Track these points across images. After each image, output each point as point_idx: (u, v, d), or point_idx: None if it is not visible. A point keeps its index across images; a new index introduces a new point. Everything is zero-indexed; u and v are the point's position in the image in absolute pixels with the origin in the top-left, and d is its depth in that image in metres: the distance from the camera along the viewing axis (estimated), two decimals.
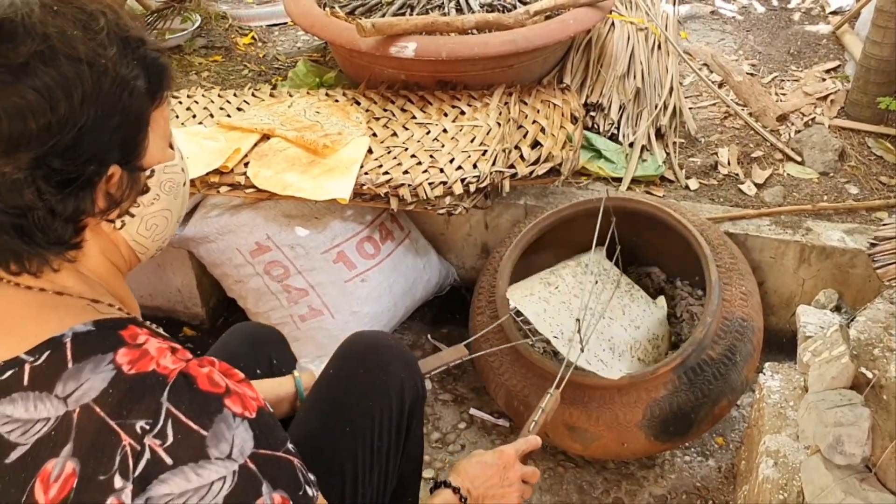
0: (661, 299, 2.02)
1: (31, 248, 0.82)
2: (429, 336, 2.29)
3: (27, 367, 0.81)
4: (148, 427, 0.77)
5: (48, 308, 0.85)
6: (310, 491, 0.87)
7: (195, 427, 0.79)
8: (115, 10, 0.84)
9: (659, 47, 2.65)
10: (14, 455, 0.79)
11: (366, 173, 1.96)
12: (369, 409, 1.25)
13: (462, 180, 1.92)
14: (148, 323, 0.91)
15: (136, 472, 0.76)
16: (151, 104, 0.87)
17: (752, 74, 2.83)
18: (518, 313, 1.84)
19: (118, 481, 0.76)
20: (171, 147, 0.94)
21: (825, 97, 2.63)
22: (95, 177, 0.82)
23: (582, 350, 1.67)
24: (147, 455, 0.77)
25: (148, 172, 0.89)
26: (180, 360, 0.83)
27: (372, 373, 1.29)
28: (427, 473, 1.89)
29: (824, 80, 2.74)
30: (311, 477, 0.89)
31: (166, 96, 0.90)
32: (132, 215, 0.91)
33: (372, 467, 1.25)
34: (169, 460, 0.77)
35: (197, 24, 3.16)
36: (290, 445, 0.87)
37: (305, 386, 1.40)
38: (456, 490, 1.19)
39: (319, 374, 1.35)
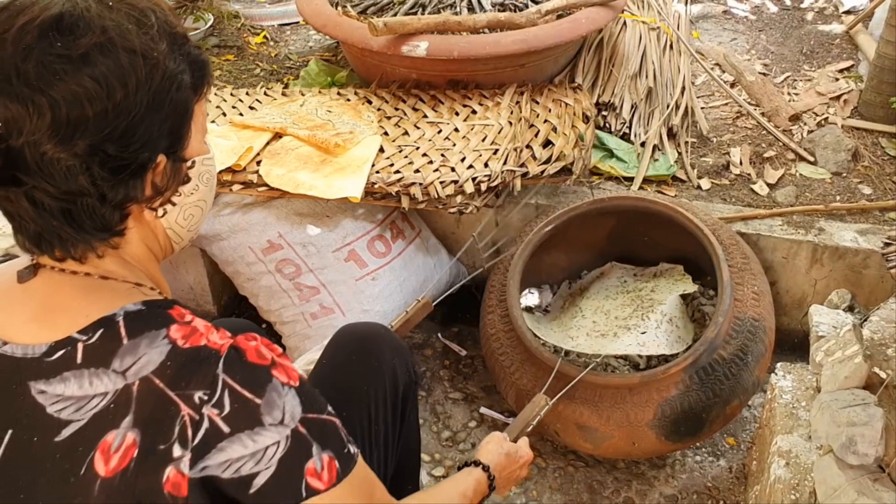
0: (685, 283, 2.01)
1: (78, 233, 0.86)
2: (439, 335, 2.29)
3: (80, 346, 0.84)
4: (206, 397, 0.82)
5: (96, 290, 0.89)
6: (352, 449, 0.92)
7: (250, 396, 0.83)
8: (162, 7, 0.89)
9: (671, 47, 2.65)
10: (66, 432, 0.82)
11: (377, 172, 1.96)
12: (364, 394, 1.30)
13: (473, 179, 1.92)
14: (187, 306, 0.94)
15: (195, 441, 0.81)
16: (194, 97, 0.92)
17: (764, 74, 2.82)
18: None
19: (177, 450, 0.81)
20: (206, 141, 0.99)
21: (838, 97, 2.62)
22: (147, 163, 0.86)
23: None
24: (206, 424, 0.81)
25: (189, 163, 0.94)
26: (226, 337, 0.87)
27: (364, 360, 1.34)
28: (437, 472, 1.89)
29: (837, 79, 2.73)
30: (351, 437, 0.94)
31: (206, 91, 0.95)
32: (173, 204, 0.95)
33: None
34: (226, 429, 0.82)
35: (209, 24, 3.17)
36: (330, 408, 0.92)
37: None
38: (486, 468, 1.27)
39: (314, 366, 1.39)
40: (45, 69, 0.78)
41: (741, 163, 2.35)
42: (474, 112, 2.22)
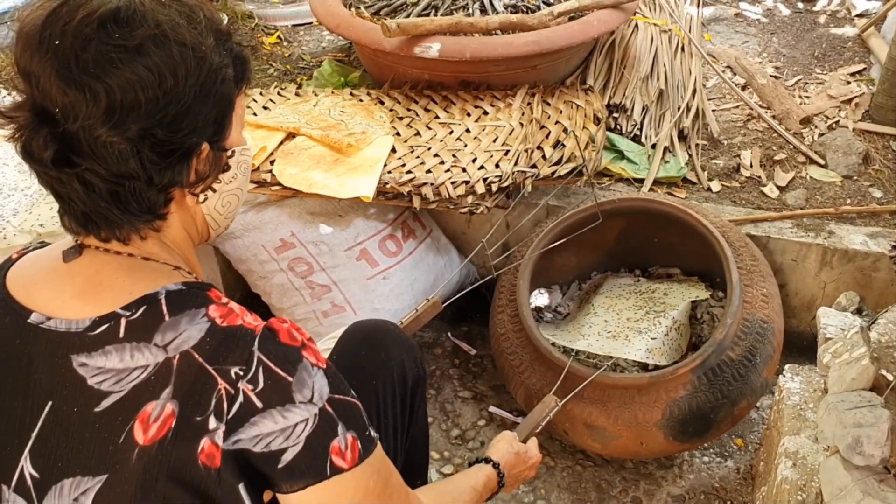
0: (698, 289, 2.02)
1: (124, 215, 0.90)
2: (449, 334, 2.30)
3: (123, 321, 0.89)
4: (242, 373, 0.86)
5: (138, 270, 0.93)
6: (372, 432, 0.95)
7: (283, 374, 0.88)
8: (208, 6, 0.95)
9: (682, 49, 2.66)
10: (106, 403, 0.87)
11: (389, 172, 1.98)
12: (373, 388, 1.32)
13: (484, 180, 1.94)
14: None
15: (230, 414, 0.85)
16: (236, 90, 0.97)
17: (776, 77, 2.82)
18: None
19: (213, 422, 0.85)
20: (242, 134, 1.03)
21: (850, 100, 2.62)
22: (194, 149, 0.92)
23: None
24: (241, 398, 0.86)
25: (230, 152, 0.99)
26: (259, 319, 0.92)
27: (373, 355, 1.36)
28: (446, 469, 1.91)
29: (849, 83, 2.73)
30: (371, 422, 0.97)
31: (246, 85, 1.01)
32: (214, 191, 1.00)
33: None
34: (259, 404, 0.86)
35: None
36: (353, 392, 0.96)
37: None
38: (496, 465, 1.31)
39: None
40: (103, 58, 0.83)
41: (752, 165, 2.36)
42: (486, 113, 2.23)
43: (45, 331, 0.90)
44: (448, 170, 1.98)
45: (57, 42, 0.83)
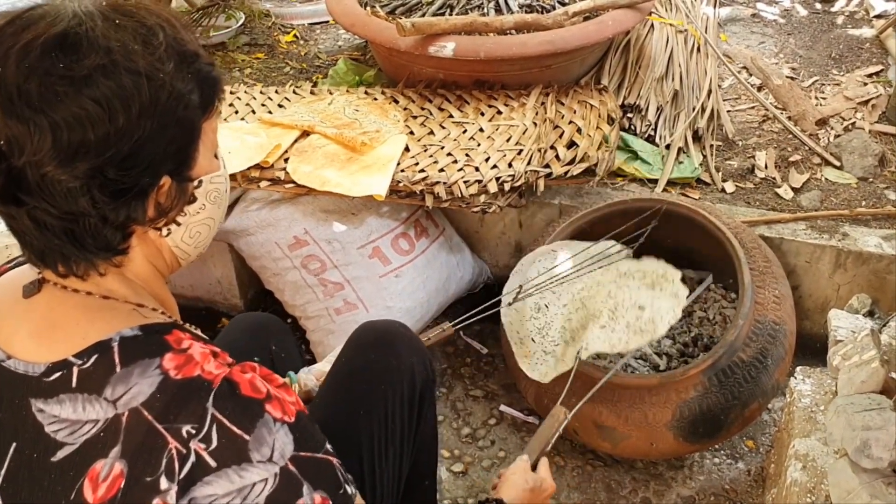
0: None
1: (80, 252, 0.85)
2: (460, 332, 2.31)
3: (75, 370, 0.84)
4: (194, 431, 0.81)
5: (95, 311, 0.88)
6: (349, 489, 0.90)
7: (238, 431, 0.82)
8: (172, 24, 0.86)
9: (698, 50, 2.65)
10: (61, 454, 0.82)
11: (402, 171, 1.99)
12: (382, 392, 1.30)
13: (497, 179, 1.94)
14: (188, 326, 0.94)
15: (182, 475, 0.80)
16: (203, 116, 0.89)
17: (792, 78, 2.81)
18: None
19: (164, 483, 0.79)
20: (216, 157, 0.96)
21: (866, 102, 2.61)
22: (149, 187, 0.85)
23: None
24: (192, 458, 0.80)
25: (195, 183, 0.91)
26: (222, 365, 0.86)
27: (383, 358, 1.33)
28: (456, 468, 1.92)
29: (866, 84, 2.71)
30: (349, 476, 0.92)
31: (217, 108, 0.92)
32: (178, 224, 0.93)
33: (387, 449, 1.29)
34: (213, 463, 0.81)
35: (241, 22, 3.22)
36: (328, 446, 0.90)
37: (306, 386, 1.43)
38: None
39: (333, 363, 1.39)
40: (47, 90, 0.76)
41: (766, 166, 2.35)
42: (500, 112, 2.24)
43: (6, 370, 0.86)
44: (461, 169, 1.99)
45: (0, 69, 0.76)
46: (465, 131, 2.17)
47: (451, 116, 2.24)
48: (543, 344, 1.81)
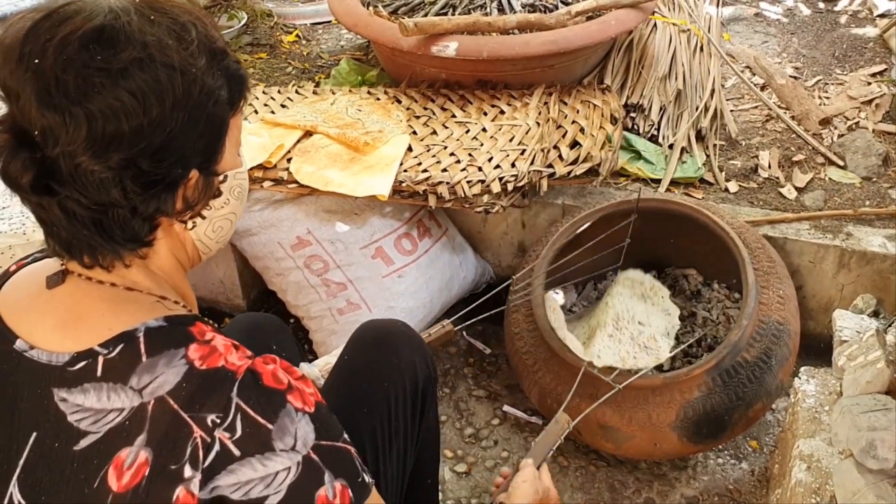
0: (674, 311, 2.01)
1: (107, 243, 0.86)
2: (463, 332, 2.31)
3: (101, 360, 0.85)
4: (218, 420, 0.82)
5: (120, 302, 0.89)
6: (366, 478, 0.92)
7: (262, 421, 0.83)
8: (203, 21, 0.88)
9: (701, 49, 2.64)
10: (84, 443, 0.83)
11: (405, 171, 1.99)
12: (384, 390, 1.30)
13: (500, 179, 1.94)
14: (209, 321, 0.94)
15: (206, 463, 0.81)
16: (230, 112, 0.92)
17: (795, 77, 2.81)
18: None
19: (188, 471, 0.81)
20: (239, 154, 0.98)
21: (870, 101, 2.60)
22: (180, 179, 0.87)
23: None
24: (217, 447, 0.82)
25: (221, 178, 0.94)
26: (245, 357, 0.87)
27: (385, 356, 1.34)
28: (459, 468, 1.92)
29: (870, 83, 2.71)
30: (366, 467, 0.93)
31: (242, 105, 0.94)
32: (203, 217, 0.96)
33: (390, 447, 1.30)
34: (237, 452, 0.82)
35: (243, 22, 3.22)
36: (346, 436, 0.92)
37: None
38: None
39: (335, 361, 1.39)
40: (84, 81, 0.78)
41: (770, 166, 2.34)
42: (502, 112, 2.23)
43: (29, 360, 0.87)
44: (464, 169, 1.99)
45: (37, 61, 0.78)
46: (467, 131, 2.17)
47: (453, 116, 2.24)
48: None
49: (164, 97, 0.81)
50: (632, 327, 1.92)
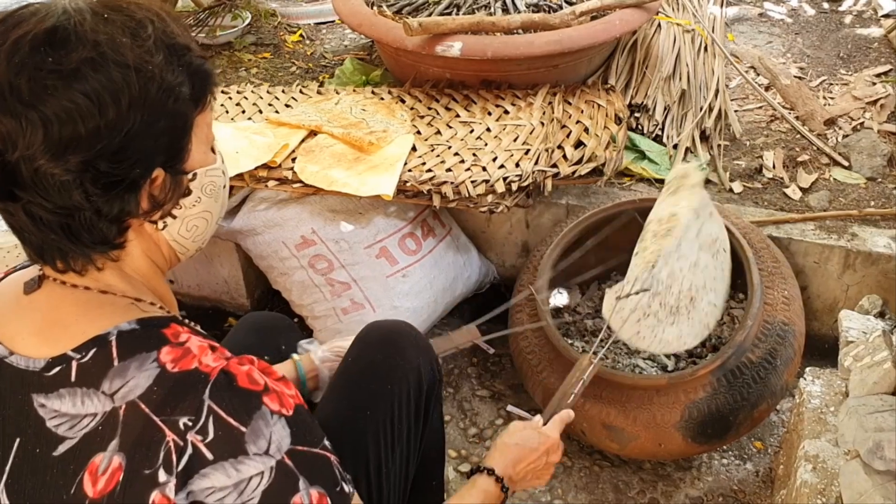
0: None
1: (77, 247, 0.86)
2: None
3: (74, 364, 0.85)
4: (190, 423, 0.81)
5: (93, 306, 0.89)
6: (346, 487, 0.90)
7: (235, 423, 0.82)
8: (162, 17, 0.87)
9: (705, 49, 2.64)
10: (62, 448, 0.83)
11: (409, 170, 1.99)
12: (388, 392, 1.29)
13: (504, 179, 1.94)
14: (187, 321, 0.94)
15: (179, 467, 0.80)
16: (195, 109, 0.90)
17: (800, 78, 2.80)
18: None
19: (162, 475, 0.80)
20: (213, 151, 0.96)
21: (875, 101, 2.59)
22: (140, 179, 0.86)
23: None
24: (189, 450, 0.80)
25: (190, 176, 0.92)
26: (221, 359, 0.86)
27: (390, 358, 1.33)
28: (463, 467, 1.92)
29: (874, 84, 2.70)
30: (347, 475, 0.92)
31: (209, 102, 0.93)
32: (174, 217, 0.94)
33: (393, 449, 1.29)
34: (210, 455, 0.81)
35: (247, 22, 3.22)
36: (326, 442, 0.90)
37: (307, 369, 1.43)
38: (498, 479, 1.21)
39: (340, 362, 1.38)
40: (37, 84, 0.77)
41: (774, 166, 2.34)
42: (506, 112, 2.23)
43: (9, 366, 0.87)
44: (468, 168, 1.98)
45: None
46: (472, 131, 2.16)
47: (458, 116, 2.24)
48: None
49: (119, 96, 0.80)
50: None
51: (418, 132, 2.17)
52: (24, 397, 0.85)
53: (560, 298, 2.17)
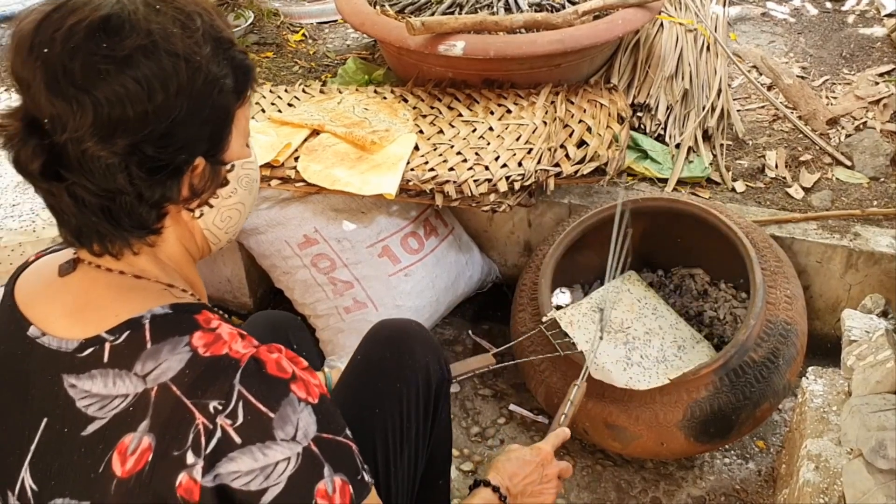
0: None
1: (116, 230, 0.88)
2: (469, 332, 2.31)
3: (107, 346, 0.86)
4: (220, 407, 0.83)
5: (127, 290, 0.91)
6: (366, 476, 0.91)
7: (263, 409, 0.84)
8: (209, 12, 0.90)
9: (708, 49, 2.64)
10: (91, 428, 0.85)
11: (412, 169, 1.99)
12: (397, 391, 1.30)
13: (507, 178, 1.94)
14: (217, 310, 0.95)
15: (208, 450, 0.82)
16: (237, 102, 0.93)
17: (802, 77, 2.80)
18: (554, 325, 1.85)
19: (190, 457, 0.81)
20: (248, 146, 0.99)
21: (877, 101, 2.59)
22: (184, 166, 0.88)
23: (601, 338, 1.69)
24: (218, 434, 0.82)
25: (228, 167, 0.95)
26: (250, 346, 0.88)
27: (398, 357, 1.33)
28: (466, 466, 1.92)
29: (877, 83, 2.70)
30: (366, 465, 0.93)
31: (250, 96, 0.96)
32: (211, 206, 0.97)
33: (402, 448, 1.29)
34: (238, 439, 0.82)
35: (250, 21, 3.22)
36: (348, 432, 0.91)
37: (336, 382, 1.43)
38: (496, 489, 1.21)
39: (349, 360, 1.39)
40: (90, 69, 0.80)
41: (777, 166, 2.34)
42: (509, 111, 2.23)
43: (41, 346, 0.89)
44: (471, 168, 1.99)
45: (46, 50, 0.81)
46: (474, 130, 2.17)
47: (460, 115, 2.24)
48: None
49: (168, 83, 0.83)
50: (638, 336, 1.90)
51: (421, 131, 2.17)
52: (54, 377, 0.87)
53: (562, 298, 2.18)
